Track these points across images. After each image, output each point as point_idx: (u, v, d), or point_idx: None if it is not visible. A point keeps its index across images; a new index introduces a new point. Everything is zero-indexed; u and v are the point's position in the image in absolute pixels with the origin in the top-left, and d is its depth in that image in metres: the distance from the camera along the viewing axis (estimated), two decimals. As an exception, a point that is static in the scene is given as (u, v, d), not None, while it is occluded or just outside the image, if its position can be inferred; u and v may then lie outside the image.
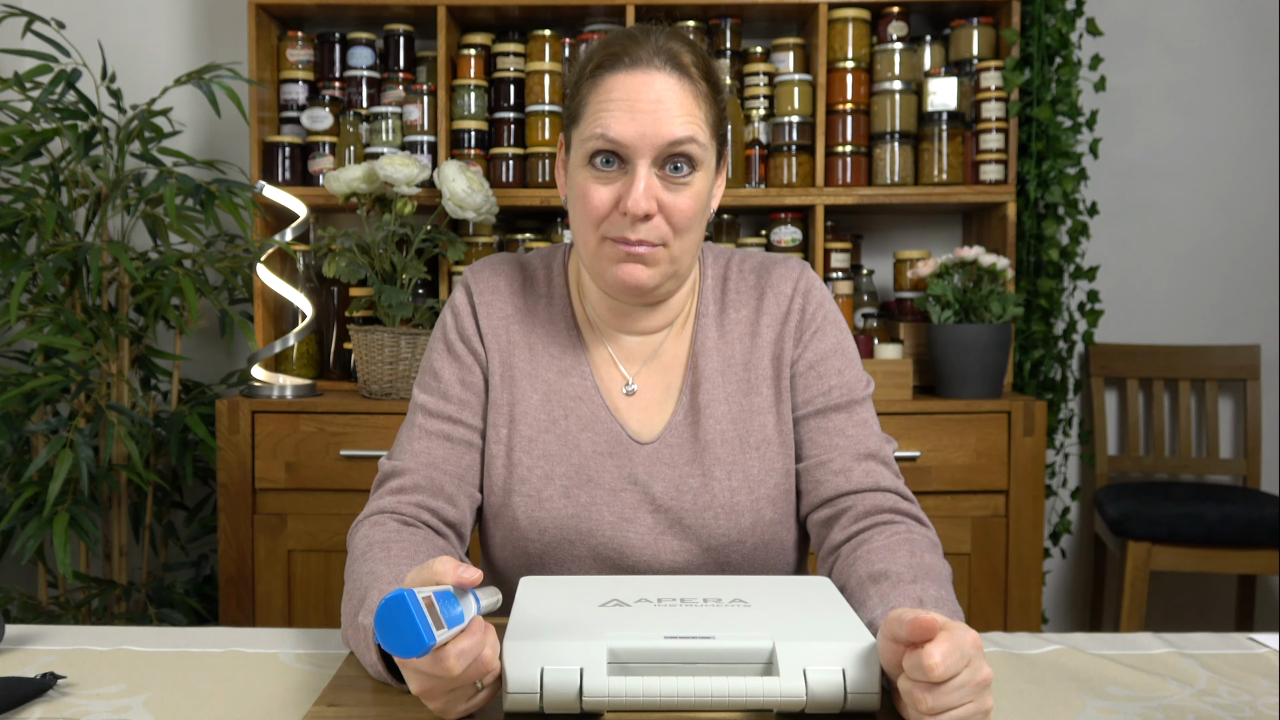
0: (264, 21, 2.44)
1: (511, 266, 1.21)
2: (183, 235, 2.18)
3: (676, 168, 1.05)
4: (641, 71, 1.04)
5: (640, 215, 1.03)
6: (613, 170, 1.05)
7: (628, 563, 1.11)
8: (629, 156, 1.04)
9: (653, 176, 1.04)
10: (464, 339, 1.17)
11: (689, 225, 1.07)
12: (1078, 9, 2.45)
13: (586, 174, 1.06)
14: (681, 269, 1.11)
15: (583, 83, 1.08)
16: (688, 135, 1.04)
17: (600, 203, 1.05)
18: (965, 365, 2.23)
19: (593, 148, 1.05)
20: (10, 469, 2.17)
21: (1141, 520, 2.34)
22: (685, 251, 1.09)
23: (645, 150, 1.03)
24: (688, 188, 1.05)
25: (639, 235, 1.05)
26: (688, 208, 1.06)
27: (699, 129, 1.05)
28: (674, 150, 1.04)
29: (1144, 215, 2.76)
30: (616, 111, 1.03)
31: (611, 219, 1.06)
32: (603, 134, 1.04)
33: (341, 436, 2.15)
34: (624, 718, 0.79)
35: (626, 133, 1.03)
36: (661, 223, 1.06)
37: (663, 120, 1.03)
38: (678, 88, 1.04)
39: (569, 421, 1.13)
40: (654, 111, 1.03)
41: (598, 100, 1.05)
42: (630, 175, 1.04)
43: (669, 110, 1.03)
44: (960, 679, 0.74)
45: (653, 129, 1.03)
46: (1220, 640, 1.03)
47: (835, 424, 1.13)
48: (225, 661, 0.97)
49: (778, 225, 2.48)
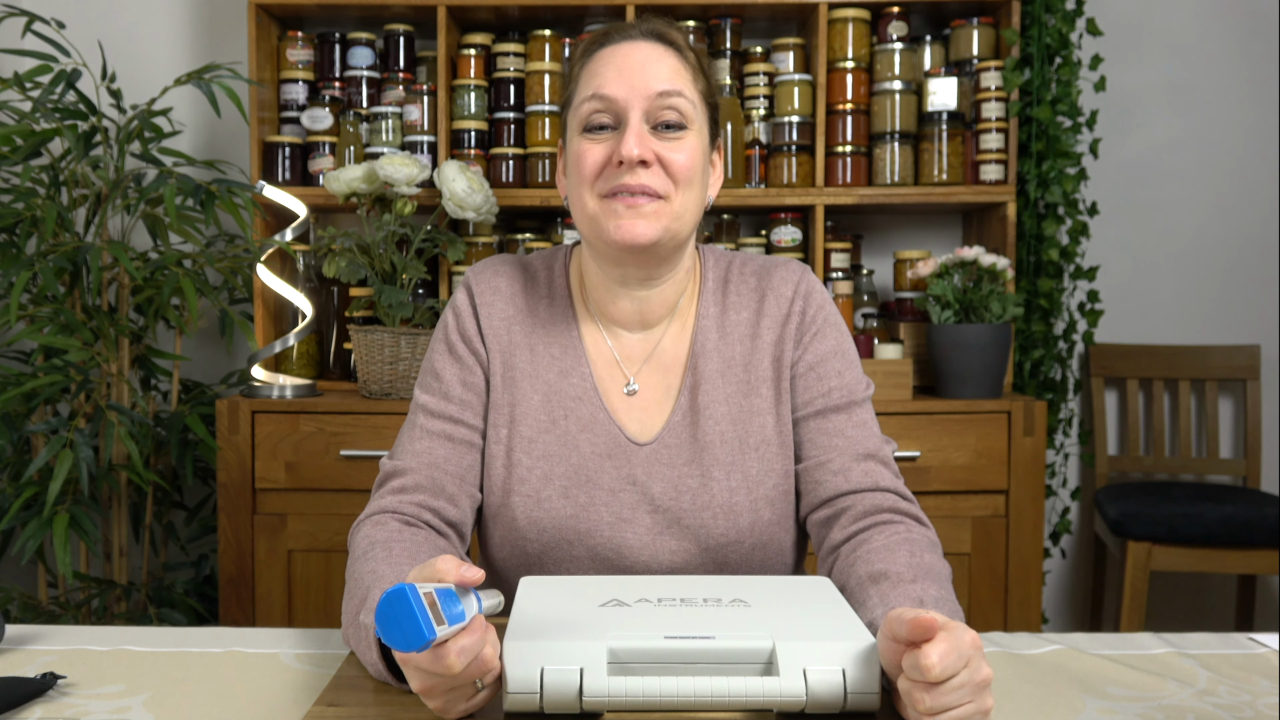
0: (264, 21, 2.44)
1: (513, 267, 1.22)
2: (183, 235, 2.18)
3: (668, 126, 1.08)
4: (629, 42, 1.10)
5: (635, 159, 1.06)
6: (606, 133, 1.09)
7: (626, 563, 1.11)
8: (620, 111, 1.08)
9: (645, 130, 1.08)
10: (465, 339, 1.18)
11: (689, 178, 1.09)
12: (1078, 9, 2.45)
13: (582, 141, 1.10)
14: (683, 228, 1.11)
15: (575, 65, 1.14)
16: (675, 88, 1.08)
17: (595, 159, 1.08)
18: (965, 365, 2.23)
19: (586, 110, 1.09)
20: (10, 469, 2.17)
21: (1141, 520, 2.34)
22: (686, 209, 1.10)
23: (636, 101, 1.07)
24: (681, 142, 1.09)
25: (639, 180, 1.07)
26: (685, 160, 1.08)
27: (686, 86, 1.10)
28: (663, 105, 1.08)
29: (1144, 215, 2.76)
30: (606, 73, 1.09)
31: (607, 173, 1.08)
32: (594, 93, 1.08)
33: (341, 436, 2.15)
34: (624, 718, 0.79)
35: (617, 89, 1.07)
36: (661, 173, 1.08)
37: (650, 75, 1.08)
38: (664, 54, 1.10)
39: (569, 422, 1.14)
40: (642, 68, 1.08)
41: (589, 71, 1.11)
42: (623, 130, 1.07)
43: (656, 68, 1.09)
44: (959, 679, 0.74)
45: (641, 81, 1.07)
46: (1220, 640, 1.03)
47: (835, 425, 1.14)
48: (225, 661, 0.97)
49: (778, 225, 2.48)
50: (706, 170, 1.14)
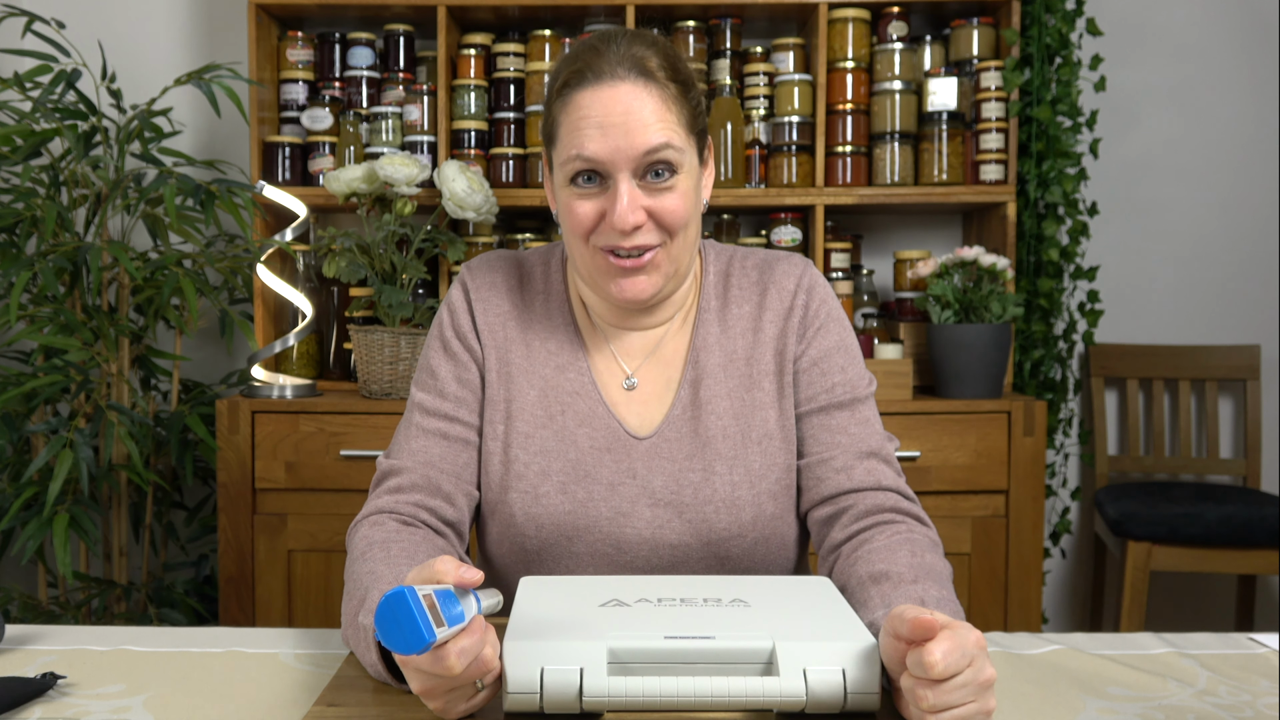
0: (264, 21, 2.44)
1: (508, 263, 1.22)
2: (183, 235, 2.17)
3: (657, 174, 1.05)
4: (607, 85, 1.04)
5: (628, 229, 1.04)
6: (594, 187, 1.06)
7: (626, 558, 1.11)
8: (608, 172, 1.05)
9: (635, 187, 1.04)
10: (460, 336, 1.17)
11: (682, 223, 1.07)
12: (1078, 9, 2.45)
13: (569, 192, 1.07)
14: (681, 268, 1.11)
15: (553, 102, 1.09)
16: (663, 142, 1.04)
17: (586, 217, 1.06)
18: (965, 365, 2.23)
19: (571, 170, 1.06)
20: (10, 469, 2.17)
21: (1141, 520, 2.34)
22: (684, 250, 1.10)
23: (623, 164, 1.04)
24: (672, 190, 1.06)
25: (633, 242, 1.06)
26: (677, 208, 1.06)
27: (673, 133, 1.05)
28: (651, 159, 1.04)
29: (1144, 215, 2.76)
30: (588, 129, 1.03)
31: (600, 230, 1.06)
32: (578, 154, 1.04)
33: (341, 436, 2.15)
34: (624, 718, 0.79)
35: (601, 150, 1.03)
36: (653, 227, 1.06)
37: (635, 131, 1.03)
38: (645, 95, 1.04)
39: (566, 417, 1.14)
40: (625, 124, 1.03)
41: (569, 121, 1.06)
42: (613, 190, 1.05)
43: (640, 120, 1.03)
44: (962, 678, 0.74)
45: (626, 142, 1.03)
46: (1220, 640, 1.03)
47: (837, 421, 1.13)
48: (225, 661, 0.97)
49: (778, 225, 2.48)
50: (700, 200, 1.12)
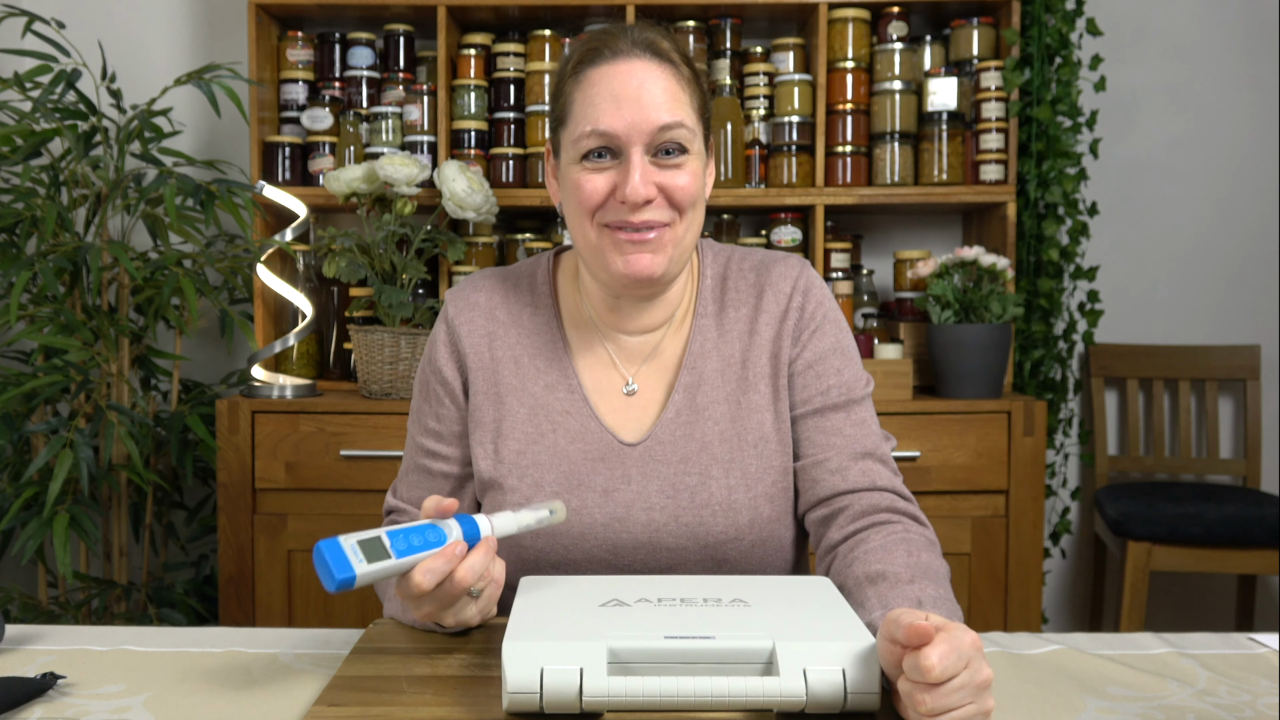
0: (264, 21, 2.44)
1: (491, 280, 1.21)
2: (183, 235, 2.17)
3: (668, 152, 1.06)
4: (623, 61, 1.06)
5: (640, 202, 1.05)
6: (605, 161, 1.07)
7: (623, 563, 1.11)
8: (621, 147, 1.05)
9: (647, 163, 1.06)
10: (436, 373, 1.18)
11: (691, 202, 1.08)
12: (1078, 9, 2.45)
13: (579, 170, 1.07)
14: (685, 251, 1.11)
15: (565, 82, 1.10)
16: (676, 120, 1.05)
17: (594, 190, 1.06)
18: (965, 365, 2.23)
19: (585, 146, 1.06)
20: (10, 469, 2.17)
21: (1141, 520, 2.34)
22: (689, 232, 1.10)
23: (636, 138, 1.05)
24: (682, 169, 1.07)
25: (642, 218, 1.06)
26: (687, 185, 1.07)
27: (686, 113, 1.07)
28: (664, 137, 1.05)
29: (1144, 215, 2.76)
30: (603, 104, 1.05)
31: (608, 206, 1.07)
32: (593, 129, 1.05)
33: (341, 436, 2.15)
34: (624, 718, 0.79)
35: (616, 124, 1.04)
36: (663, 204, 1.07)
37: (649, 107, 1.05)
38: (660, 73, 1.06)
39: (556, 435, 1.13)
40: (639, 99, 1.05)
41: (583, 97, 1.07)
42: (624, 164, 1.05)
43: (654, 97, 1.05)
44: (960, 680, 0.74)
45: (641, 116, 1.04)
46: (1220, 640, 1.03)
47: (833, 423, 1.13)
48: (225, 661, 0.97)
49: (778, 225, 2.48)
50: (706, 186, 1.13)
